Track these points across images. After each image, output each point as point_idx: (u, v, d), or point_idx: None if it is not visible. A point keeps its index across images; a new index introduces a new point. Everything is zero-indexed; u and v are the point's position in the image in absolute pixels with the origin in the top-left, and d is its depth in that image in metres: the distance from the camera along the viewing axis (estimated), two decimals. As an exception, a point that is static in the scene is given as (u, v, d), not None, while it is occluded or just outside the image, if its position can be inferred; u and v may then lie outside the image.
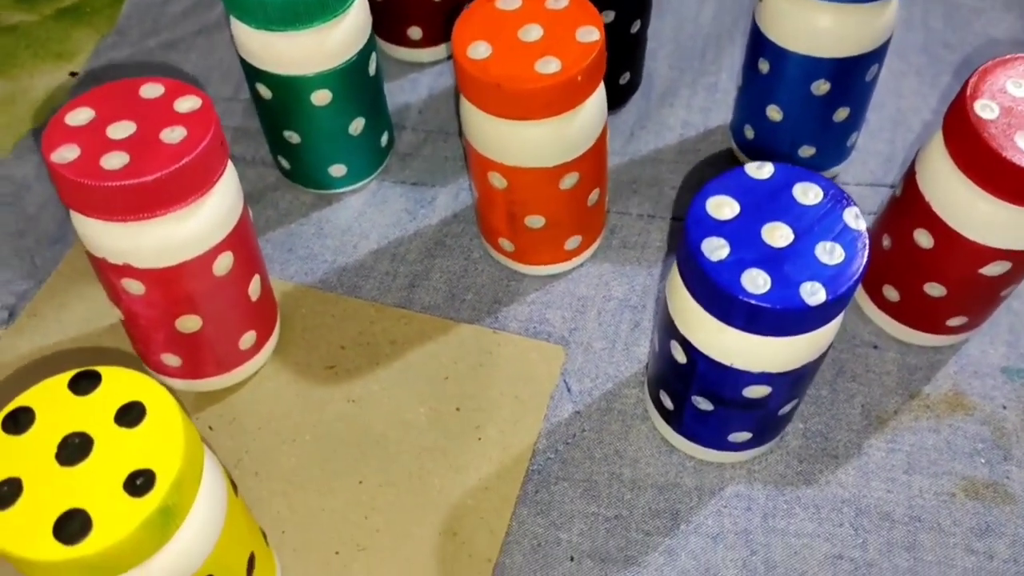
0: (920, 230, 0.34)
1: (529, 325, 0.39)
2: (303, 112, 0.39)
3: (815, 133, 0.41)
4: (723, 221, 0.28)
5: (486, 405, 0.37)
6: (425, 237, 0.43)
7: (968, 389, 0.37)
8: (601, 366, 0.38)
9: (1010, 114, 0.31)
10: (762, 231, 0.28)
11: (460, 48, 0.33)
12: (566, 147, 0.35)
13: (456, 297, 0.40)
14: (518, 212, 0.37)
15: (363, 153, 0.43)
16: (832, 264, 0.27)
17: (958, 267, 0.34)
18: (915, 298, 0.36)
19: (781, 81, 0.39)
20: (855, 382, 0.38)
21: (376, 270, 0.41)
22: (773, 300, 0.27)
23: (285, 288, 0.41)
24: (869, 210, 0.42)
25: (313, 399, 0.37)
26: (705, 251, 0.28)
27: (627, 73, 0.45)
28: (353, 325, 0.40)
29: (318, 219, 0.43)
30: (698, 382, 0.31)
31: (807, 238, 0.28)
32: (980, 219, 0.32)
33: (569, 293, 0.40)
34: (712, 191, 0.29)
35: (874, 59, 0.38)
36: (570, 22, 0.34)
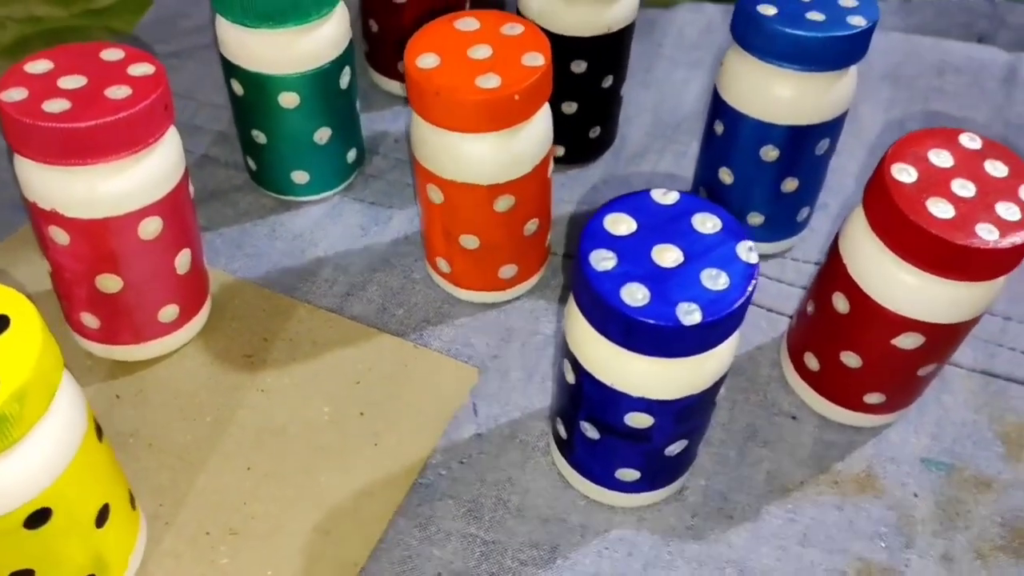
0: (838, 294, 0.34)
1: (452, 346, 0.40)
2: (271, 112, 0.41)
3: (763, 201, 0.41)
4: (616, 236, 0.29)
5: (390, 414, 0.37)
6: (372, 253, 0.43)
7: (881, 472, 0.36)
8: (513, 395, 0.38)
9: (927, 180, 0.31)
10: (653, 250, 0.28)
11: (411, 57, 0.34)
12: (500, 167, 0.36)
13: (387, 311, 0.41)
14: (453, 230, 0.38)
15: (327, 164, 0.44)
16: (714, 289, 0.27)
17: (872, 336, 0.33)
18: (833, 367, 0.36)
19: (733, 144, 0.40)
20: (766, 448, 0.37)
21: (318, 276, 0.42)
22: (647, 314, 0.27)
23: (225, 279, 0.42)
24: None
25: (224, 383, 0.38)
26: (592, 261, 0.28)
27: (598, 128, 0.47)
28: (280, 321, 0.40)
29: (273, 222, 0.44)
30: (585, 405, 0.31)
31: (696, 263, 0.28)
32: (891, 285, 0.32)
33: (499, 322, 0.41)
34: (613, 209, 0.29)
35: (824, 132, 0.39)
36: (519, 47, 0.35)
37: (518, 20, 0.36)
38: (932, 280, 0.31)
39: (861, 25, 0.36)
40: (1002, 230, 0.29)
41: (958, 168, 0.31)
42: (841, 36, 0.36)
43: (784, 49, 0.36)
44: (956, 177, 0.31)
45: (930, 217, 0.30)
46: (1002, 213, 0.30)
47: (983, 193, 0.31)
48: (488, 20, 0.36)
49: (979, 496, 0.36)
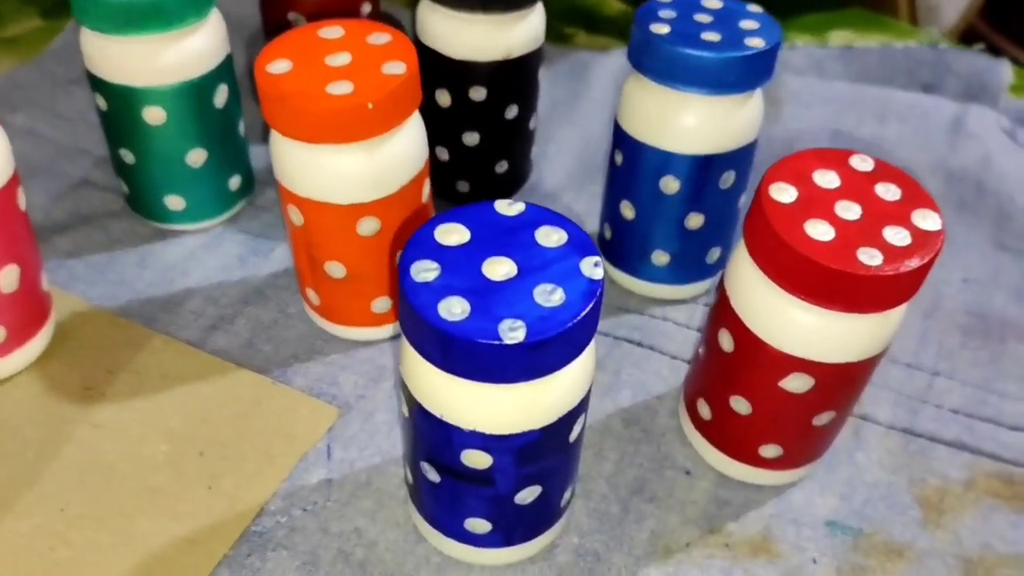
0: (723, 331, 0.30)
1: (317, 385, 0.36)
2: (136, 129, 0.38)
3: (668, 238, 0.38)
4: (445, 247, 0.25)
5: (232, 455, 0.33)
6: (247, 285, 0.40)
7: (779, 535, 0.32)
8: (376, 439, 0.34)
9: (808, 202, 0.28)
10: (484, 263, 0.25)
11: (261, 63, 0.32)
12: (361, 185, 0.32)
13: (254, 346, 0.37)
14: (317, 256, 0.35)
15: (204, 190, 0.41)
16: (546, 306, 0.24)
17: (758, 377, 0.30)
18: (724, 415, 0.32)
19: (632, 175, 0.37)
20: (652, 504, 0.33)
21: (183, 307, 0.39)
22: (464, 331, 0.23)
23: (78, 306, 0.38)
24: (724, 335, 0.39)
25: (55, 417, 0.34)
26: (412, 272, 0.25)
27: (504, 162, 0.44)
28: (130, 352, 0.36)
29: (145, 251, 0.41)
30: (421, 443, 0.27)
31: (530, 277, 0.25)
32: (773, 319, 0.28)
33: (371, 361, 0.37)
34: (448, 218, 0.26)
35: (728, 164, 0.36)
36: (382, 55, 0.32)
37: (386, 29, 0.34)
38: (815, 312, 0.27)
39: (760, 47, 0.33)
40: (887, 255, 0.26)
41: (844, 190, 0.28)
42: (739, 57, 0.33)
43: (679, 70, 0.33)
44: (841, 199, 0.28)
45: (807, 240, 0.26)
46: (890, 238, 0.27)
47: (870, 217, 0.27)
48: (354, 28, 0.34)
49: (888, 564, 0.31)
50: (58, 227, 0.42)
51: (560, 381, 0.25)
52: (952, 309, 0.41)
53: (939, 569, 0.32)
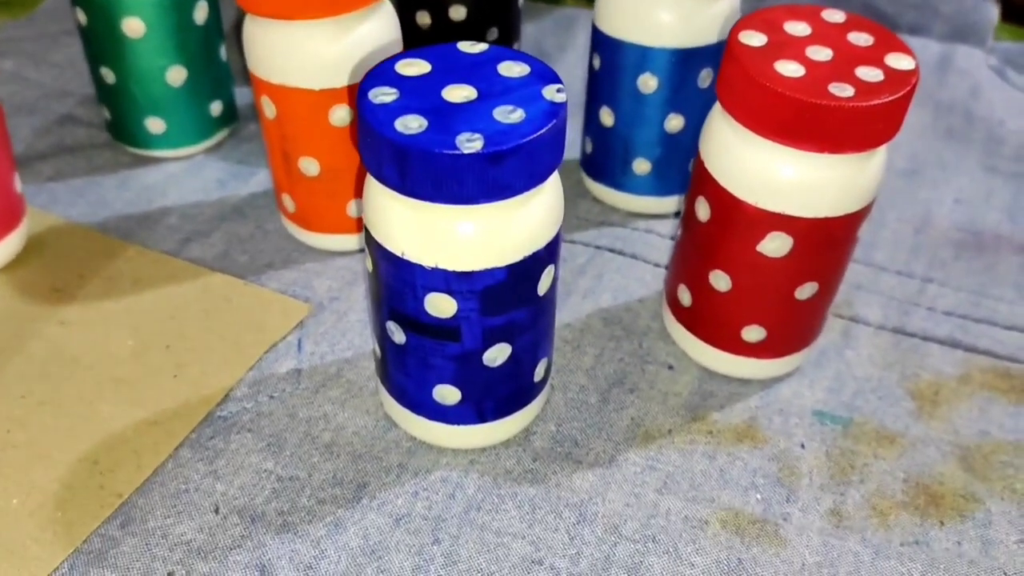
0: (700, 199, 0.30)
1: (290, 288, 0.35)
2: (115, 43, 0.38)
3: (648, 144, 0.37)
4: (405, 76, 0.25)
5: (199, 347, 0.32)
6: (225, 204, 0.39)
7: (765, 424, 0.31)
8: (348, 335, 0.33)
9: (778, 46, 0.27)
10: (444, 89, 0.24)
11: (232, -55, 0.32)
12: (331, 67, 0.32)
13: (228, 256, 0.37)
14: (291, 152, 0.34)
15: (185, 112, 0.41)
16: (505, 122, 0.23)
17: (735, 244, 0.29)
18: (704, 296, 0.31)
19: (610, 77, 0.36)
20: (633, 394, 0.32)
21: (160, 223, 0.38)
22: (420, 142, 0.22)
23: (54, 223, 0.38)
24: (709, 246, 0.38)
25: (22, 315, 0.33)
26: (370, 95, 0.24)
27: (494, 29, 0.42)
28: (103, 260, 0.36)
29: (126, 176, 0.41)
30: (385, 296, 0.26)
31: (490, 100, 0.24)
32: (748, 173, 0.27)
33: (347, 268, 0.36)
34: (411, 55, 0.26)
35: (707, 60, 0.35)
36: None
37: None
38: (791, 160, 0.26)
39: (735, -70, 0.33)
40: (860, 90, 0.25)
41: (816, 36, 0.27)
42: (710, -62, 0.33)
43: (651, -44, 0.33)
44: (812, 44, 0.27)
45: (777, 76, 0.26)
46: (862, 75, 0.26)
47: (842, 59, 0.27)
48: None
49: (880, 451, 0.30)
50: (40, 156, 0.42)
51: (524, 214, 0.24)
52: (945, 227, 0.40)
53: (934, 455, 0.30)
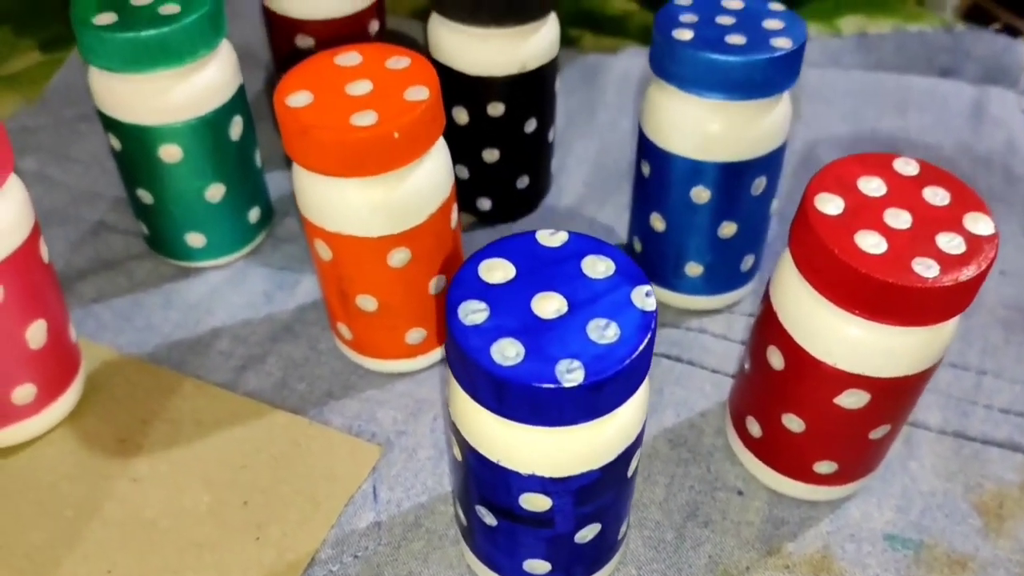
0: (772, 348, 0.30)
1: (355, 422, 0.35)
2: (153, 168, 0.37)
3: (700, 249, 0.37)
4: (491, 284, 0.24)
5: (276, 502, 0.32)
6: (275, 322, 0.39)
7: (839, 553, 0.31)
8: (421, 476, 0.33)
9: (855, 211, 0.27)
10: (533, 300, 0.24)
11: (280, 96, 0.31)
12: (389, 216, 0.32)
13: (287, 385, 0.37)
14: (348, 290, 0.34)
15: (224, 224, 0.40)
16: (601, 343, 0.23)
17: (811, 395, 0.29)
18: (776, 433, 0.31)
19: (661, 186, 0.36)
20: (708, 528, 0.32)
21: (212, 348, 0.38)
22: (520, 375, 0.22)
23: (107, 356, 0.37)
24: (763, 344, 0.38)
25: (91, 472, 0.33)
26: (460, 314, 0.24)
27: (525, 177, 0.43)
28: (162, 399, 0.36)
29: (169, 291, 0.40)
30: (475, 486, 0.26)
31: (582, 312, 0.24)
32: (826, 336, 0.27)
33: (408, 394, 0.36)
34: (489, 253, 0.25)
35: (760, 169, 0.35)
36: (403, 80, 0.31)
37: (405, 53, 0.33)
38: (870, 327, 0.27)
39: (787, 47, 0.32)
40: (943, 265, 0.25)
41: (892, 196, 0.27)
42: (765, 59, 0.32)
43: (704, 76, 0.33)
44: (889, 207, 0.27)
45: (859, 253, 0.26)
46: (943, 245, 0.26)
47: (921, 224, 0.26)
48: (372, 54, 0.33)
49: (954, 578, 0.31)
50: (80, 274, 0.41)
51: (619, 418, 0.24)
52: (992, 304, 0.40)
53: (1005, 577, 0.31)
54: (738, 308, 0.40)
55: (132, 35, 0.33)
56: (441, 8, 0.38)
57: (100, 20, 0.34)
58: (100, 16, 0.34)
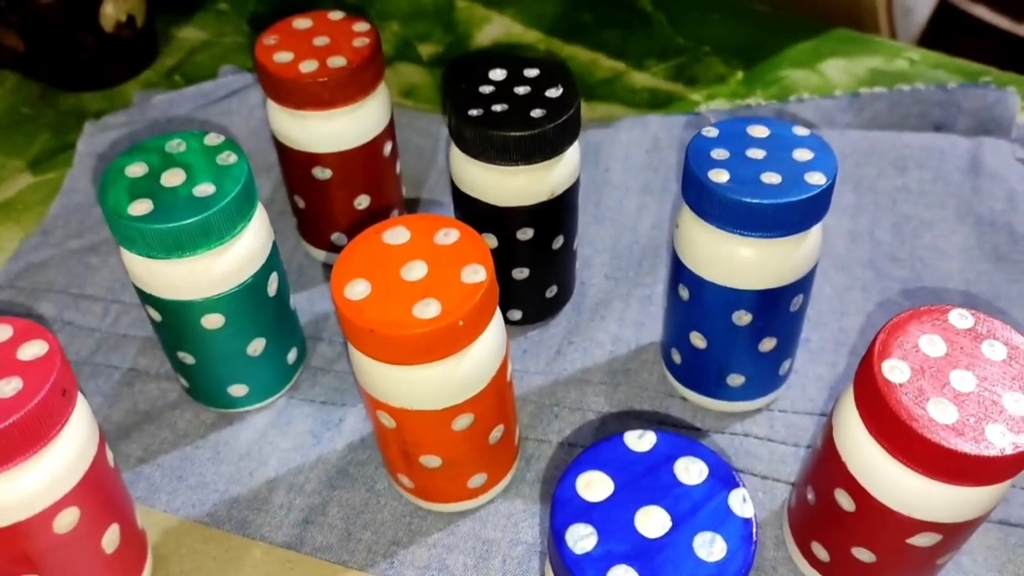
0: (840, 491, 0.31)
1: (427, 573, 0.36)
2: (194, 336, 0.37)
3: (742, 363, 0.38)
4: (593, 504, 0.25)
5: (367, 672, 0.33)
6: (328, 464, 0.39)
7: (912, 664, 0.33)
8: (501, 626, 0.34)
9: (922, 376, 0.28)
10: (636, 517, 0.25)
11: (338, 287, 0.31)
12: (454, 391, 0.32)
13: (352, 536, 0.37)
14: (412, 452, 0.34)
15: (266, 373, 0.40)
16: (711, 561, 0.24)
17: (884, 535, 0.30)
18: (845, 561, 0.32)
19: (701, 309, 0.37)
20: (784, 652, 0.33)
21: (270, 503, 0.38)
22: (641, 607, 0.23)
23: (167, 523, 0.38)
24: (806, 442, 0.39)
25: (177, 659, 0.34)
26: (569, 541, 0.24)
27: (553, 287, 0.43)
28: (233, 570, 0.36)
29: (216, 441, 0.41)
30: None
31: (685, 527, 0.25)
32: (900, 490, 0.29)
33: (474, 535, 0.37)
34: (585, 465, 0.26)
35: (797, 290, 0.36)
36: (457, 259, 0.32)
37: (452, 224, 0.33)
38: (945, 486, 0.28)
39: (821, 184, 0.33)
40: (1014, 430, 0.27)
41: (953, 356, 0.28)
42: (803, 200, 0.33)
43: (743, 219, 0.33)
44: (953, 368, 0.28)
45: (934, 424, 0.27)
46: (1010, 407, 0.27)
47: (985, 384, 0.28)
48: (419, 228, 0.33)
49: None
50: (121, 430, 0.41)
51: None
52: (1014, 372, 0.42)
53: (1067, 671, 0.33)
54: (776, 405, 0.41)
55: (172, 226, 0.33)
56: (467, 148, 0.38)
57: (135, 210, 0.34)
58: (134, 205, 0.34)
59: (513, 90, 0.39)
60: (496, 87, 0.39)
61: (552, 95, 0.38)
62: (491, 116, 0.38)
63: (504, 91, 0.39)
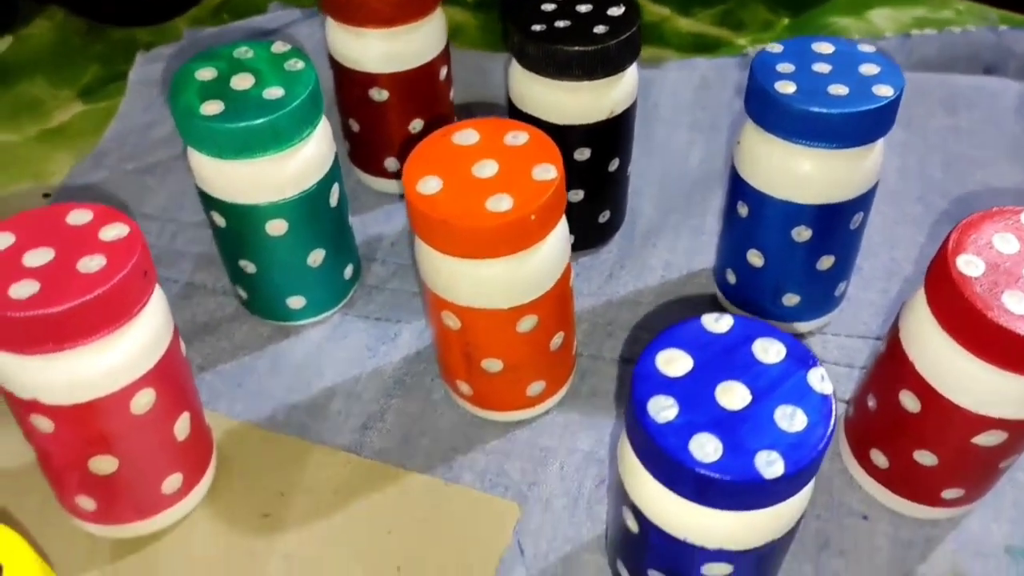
0: (906, 392, 0.31)
1: (485, 476, 0.36)
2: (258, 242, 0.38)
3: (799, 281, 0.38)
4: (673, 378, 0.26)
5: (430, 566, 0.34)
6: (384, 375, 0.40)
7: (969, 570, 0.33)
8: (560, 527, 0.35)
9: (996, 271, 0.28)
10: (716, 390, 0.25)
11: (410, 183, 0.32)
12: (521, 289, 0.33)
13: (410, 442, 0.38)
14: (474, 355, 0.35)
15: (324, 285, 0.41)
16: (792, 431, 0.24)
17: (949, 435, 0.31)
18: (905, 466, 0.33)
19: (760, 226, 0.37)
20: (842, 558, 0.34)
21: (328, 410, 0.39)
22: (724, 470, 0.24)
23: (229, 425, 0.38)
24: (860, 364, 0.39)
25: (243, 551, 0.34)
26: (651, 411, 0.25)
27: (607, 212, 0.44)
28: (296, 469, 0.37)
29: (273, 352, 0.41)
30: (652, 556, 0.28)
31: (766, 400, 0.25)
32: (969, 385, 0.29)
33: (531, 443, 0.37)
34: (664, 344, 0.26)
35: (858, 206, 0.36)
36: (527, 159, 0.32)
37: (520, 127, 0.33)
38: (1014, 376, 0.28)
39: (888, 95, 0.33)
40: (1089, 320, 0.27)
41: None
42: (869, 110, 0.33)
43: (809, 129, 0.34)
44: (1027, 263, 0.28)
45: (1009, 314, 0.27)
46: (1085, 299, 0.27)
47: (1061, 278, 0.28)
48: (488, 130, 0.33)
49: (1077, 587, 0.33)
50: (184, 340, 0.41)
51: (806, 491, 0.26)
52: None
53: (1123, 581, 0.33)
54: (829, 329, 0.41)
55: (243, 125, 0.34)
56: (529, 64, 0.38)
57: (206, 110, 0.34)
58: (205, 106, 0.34)
59: (575, 8, 0.39)
60: (558, 5, 0.39)
61: (614, 13, 0.39)
62: (554, 32, 0.38)
63: (566, 9, 0.39)
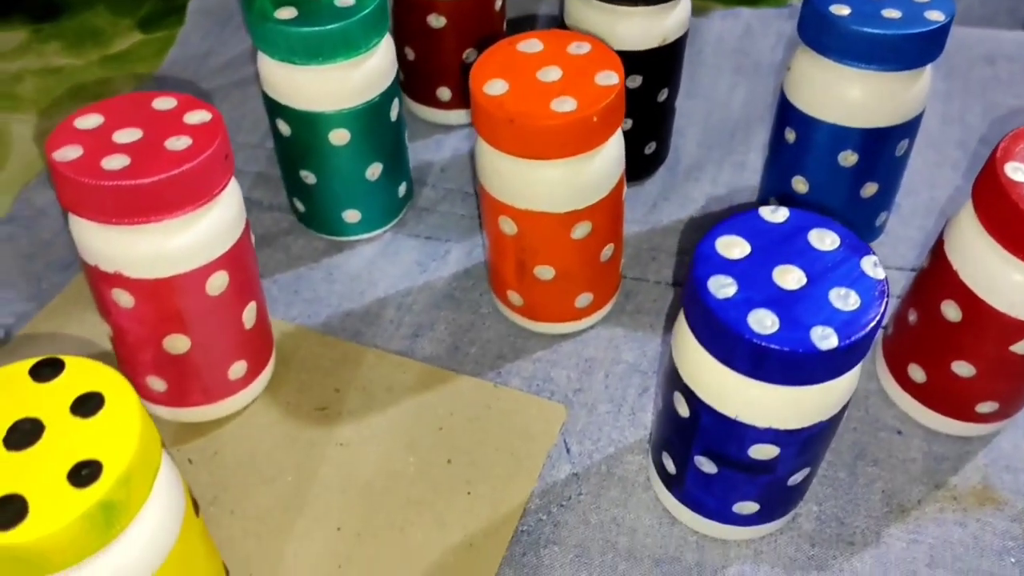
0: (948, 302, 0.32)
1: (532, 382, 0.38)
2: (320, 151, 0.39)
3: (842, 208, 0.39)
4: (732, 260, 0.27)
5: (479, 460, 0.35)
6: (434, 290, 0.41)
7: (999, 483, 0.35)
8: (604, 429, 0.36)
9: (1044, 178, 0.29)
10: (773, 273, 0.27)
11: (477, 84, 0.33)
12: (579, 193, 0.34)
13: (459, 350, 0.39)
14: (528, 261, 0.36)
15: (379, 201, 0.42)
16: (846, 310, 0.26)
17: (988, 343, 0.32)
18: (943, 379, 0.34)
19: (807, 151, 0.38)
20: (877, 467, 0.35)
21: (381, 318, 0.40)
22: (781, 341, 0.25)
23: (286, 328, 0.40)
24: (897, 294, 0.41)
25: (300, 440, 0.36)
26: (711, 288, 0.26)
27: (653, 143, 0.45)
28: (350, 369, 0.38)
29: (328, 264, 0.43)
30: (701, 439, 0.29)
31: (821, 283, 0.26)
32: (1012, 289, 0.30)
33: (576, 354, 0.39)
34: (723, 231, 0.28)
35: (904, 133, 0.37)
36: (590, 66, 0.33)
37: (584, 38, 0.35)
38: (1056, 281, 0.29)
39: (940, 20, 0.34)
40: None
41: (1074, 161, 0.30)
42: (920, 33, 0.34)
43: (862, 49, 0.35)
44: (1074, 171, 0.29)
45: (1056, 216, 0.28)
46: None
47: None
48: (552, 40, 0.35)
49: (1105, 501, 0.34)
50: (237, 250, 0.43)
51: (852, 372, 0.27)
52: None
53: None
54: (867, 260, 0.42)
55: (315, 30, 0.35)
56: (589, -14, 0.39)
57: (280, 15, 0.36)
58: (280, 11, 0.36)
59: (632, -64, 0.40)
60: (616, -68, 0.40)
61: (671, -58, 0.40)
62: (612, -43, 0.39)
63: (624, -64, 0.40)
